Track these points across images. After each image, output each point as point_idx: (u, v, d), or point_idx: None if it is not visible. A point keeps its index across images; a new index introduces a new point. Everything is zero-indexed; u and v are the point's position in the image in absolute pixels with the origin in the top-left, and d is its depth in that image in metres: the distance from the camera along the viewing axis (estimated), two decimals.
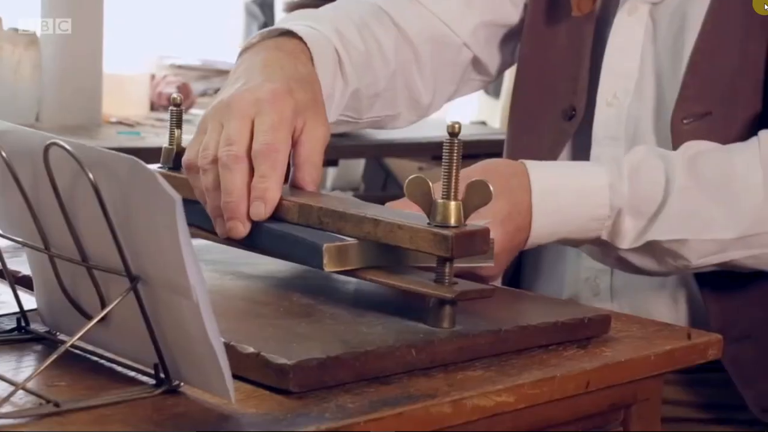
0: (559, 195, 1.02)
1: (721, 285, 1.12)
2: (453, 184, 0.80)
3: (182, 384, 0.70)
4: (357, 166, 3.32)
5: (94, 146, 0.68)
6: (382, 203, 0.93)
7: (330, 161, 2.78)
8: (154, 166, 1.00)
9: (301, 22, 1.11)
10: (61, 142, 0.66)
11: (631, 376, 0.85)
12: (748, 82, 1.12)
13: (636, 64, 1.18)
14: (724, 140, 1.09)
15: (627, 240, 1.04)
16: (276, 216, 0.90)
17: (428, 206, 0.81)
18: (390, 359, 0.75)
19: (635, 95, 1.17)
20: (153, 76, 2.65)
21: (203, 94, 2.77)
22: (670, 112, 1.13)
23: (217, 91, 2.79)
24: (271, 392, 0.70)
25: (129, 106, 2.36)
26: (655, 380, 0.88)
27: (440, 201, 0.80)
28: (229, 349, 0.72)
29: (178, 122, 1.01)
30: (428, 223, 0.80)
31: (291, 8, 2.34)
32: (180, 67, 2.81)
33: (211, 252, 1.00)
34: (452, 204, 0.80)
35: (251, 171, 0.90)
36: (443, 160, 0.80)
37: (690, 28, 1.14)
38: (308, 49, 1.05)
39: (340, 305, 0.86)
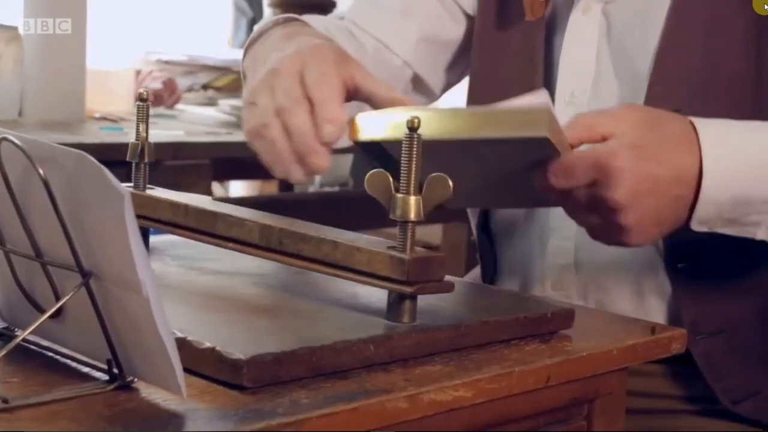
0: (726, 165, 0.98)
1: (695, 280, 1.11)
2: (413, 178, 0.80)
3: (136, 380, 0.70)
4: (345, 162, 3.32)
5: (45, 141, 0.68)
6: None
7: None
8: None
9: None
10: (11, 137, 0.66)
11: (592, 371, 0.85)
12: (717, 79, 1.11)
13: (592, 62, 1.17)
14: None
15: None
16: (234, 235, 0.89)
17: (388, 201, 0.81)
18: (347, 354, 0.75)
19: (593, 93, 1.17)
20: (139, 72, 2.65)
21: (189, 89, 2.77)
22: None
23: (203, 86, 2.80)
24: (226, 388, 0.70)
25: (113, 102, 2.36)
26: (618, 374, 0.88)
27: (400, 195, 0.80)
28: (185, 344, 0.72)
29: (144, 117, 1.01)
30: (388, 247, 0.80)
31: (276, 4, 2.34)
32: (166, 62, 2.80)
33: (177, 247, 1.00)
34: (412, 198, 0.80)
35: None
36: (403, 155, 0.80)
37: (651, 25, 1.14)
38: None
39: (303, 300, 0.86)
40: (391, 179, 0.81)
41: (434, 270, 0.80)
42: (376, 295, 0.84)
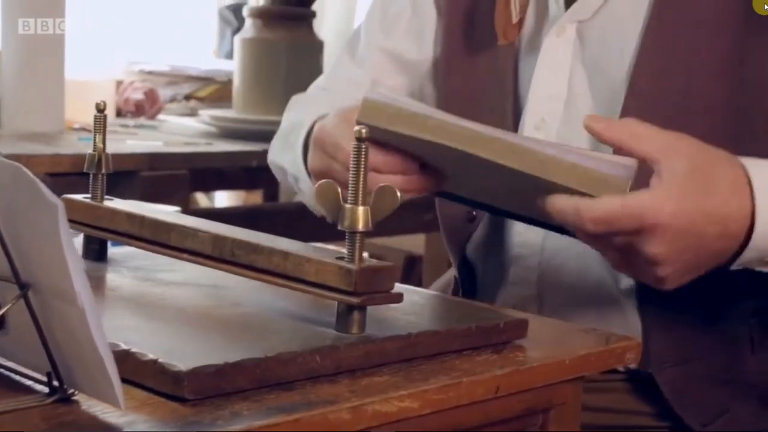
0: None
1: (662, 310, 1.10)
2: (361, 188, 0.80)
3: (77, 392, 0.69)
4: None
5: None
6: None
7: None
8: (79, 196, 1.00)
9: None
10: None
11: (544, 381, 0.84)
12: (695, 101, 1.08)
13: (564, 85, 1.16)
14: None
15: None
16: (188, 246, 0.89)
17: (337, 211, 0.81)
18: (292, 366, 0.75)
19: (564, 118, 1.15)
20: (121, 82, 2.65)
21: (172, 99, 2.77)
22: None
23: (186, 96, 2.80)
24: (168, 400, 0.70)
25: (93, 112, 2.35)
26: (572, 384, 0.88)
27: (348, 206, 0.80)
28: (129, 356, 0.72)
29: (101, 128, 1.01)
30: (337, 257, 0.80)
31: (256, 14, 2.34)
32: (149, 72, 2.80)
33: (135, 259, 1.00)
34: (360, 209, 0.80)
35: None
36: (351, 165, 0.79)
37: (626, 44, 1.12)
38: None
39: (255, 311, 0.85)
40: (339, 190, 0.81)
41: (383, 281, 0.80)
42: (328, 306, 0.83)
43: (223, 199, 3.45)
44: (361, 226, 0.79)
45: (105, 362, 0.65)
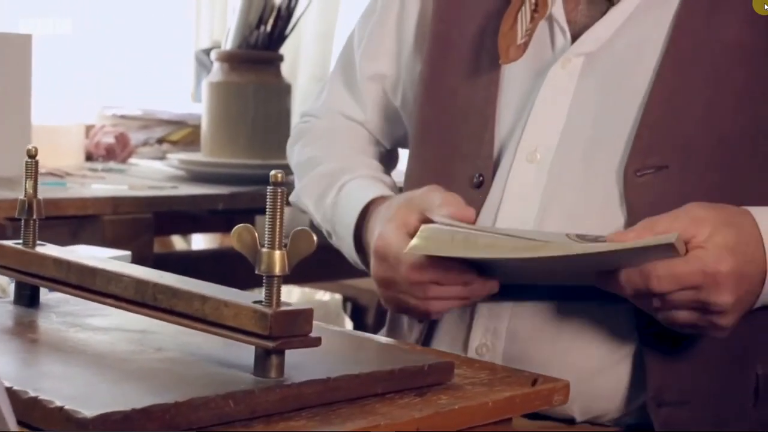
0: None
1: (665, 349, 1.09)
2: (277, 232, 0.80)
3: None
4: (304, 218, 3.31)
5: None
6: None
7: None
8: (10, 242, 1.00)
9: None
10: None
11: (466, 423, 0.84)
12: (709, 134, 1.08)
13: (563, 118, 1.14)
14: (680, 193, 1.06)
15: None
16: (112, 291, 0.90)
17: (254, 255, 0.80)
18: (204, 411, 0.74)
19: (557, 151, 1.13)
20: (92, 127, 2.65)
21: (145, 143, 2.77)
22: (602, 165, 1.10)
23: (158, 140, 2.80)
24: None
25: (62, 157, 2.36)
26: (497, 426, 0.88)
27: (265, 250, 0.80)
28: (37, 403, 0.72)
29: (32, 174, 1.01)
30: (254, 301, 0.80)
31: (224, 58, 2.35)
32: (122, 116, 2.81)
33: (67, 304, 0.99)
34: (276, 253, 0.80)
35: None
36: (267, 209, 0.80)
37: (634, 79, 1.12)
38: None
39: (175, 356, 0.85)
40: (256, 234, 0.81)
41: (299, 324, 0.80)
42: (251, 351, 0.83)
43: (200, 241, 3.45)
44: (277, 270, 0.79)
45: (3, 411, 0.65)
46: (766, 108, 1.09)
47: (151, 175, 2.37)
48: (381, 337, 1.11)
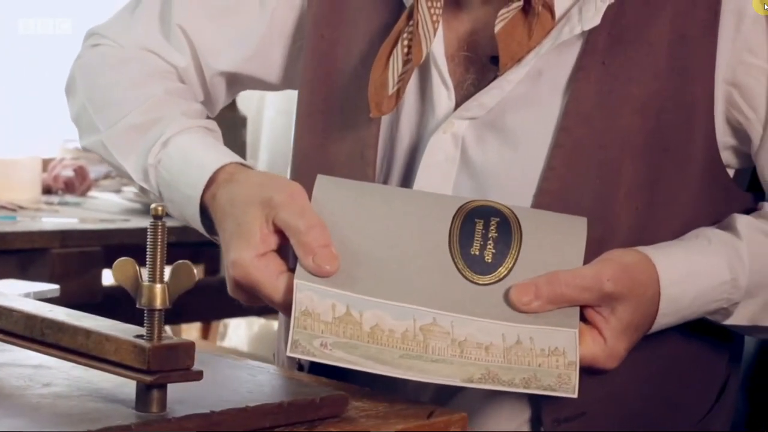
0: (682, 302, 1.04)
1: None
2: (158, 266, 0.79)
3: None
4: None
5: None
6: None
7: None
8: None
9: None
10: None
11: None
12: (599, 226, 1.04)
13: (449, 186, 1.09)
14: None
15: (735, 320, 1.08)
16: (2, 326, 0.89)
17: (135, 289, 0.80)
18: None
19: None
20: (51, 160, 2.65)
21: (106, 176, 2.77)
22: None
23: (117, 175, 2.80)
24: None
25: (17, 190, 2.36)
26: None
27: (146, 284, 0.79)
28: None
29: None
30: (136, 335, 0.79)
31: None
32: (83, 149, 2.80)
33: None
34: (158, 287, 0.79)
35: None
36: (148, 243, 0.79)
37: (523, 149, 1.07)
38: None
39: (63, 392, 0.84)
40: (137, 268, 0.80)
41: (180, 358, 0.79)
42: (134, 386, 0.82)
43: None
44: (158, 304, 0.79)
45: None
46: (654, 201, 1.08)
47: (107, 208, 2.38)
48: (279, 369, 1.10)
